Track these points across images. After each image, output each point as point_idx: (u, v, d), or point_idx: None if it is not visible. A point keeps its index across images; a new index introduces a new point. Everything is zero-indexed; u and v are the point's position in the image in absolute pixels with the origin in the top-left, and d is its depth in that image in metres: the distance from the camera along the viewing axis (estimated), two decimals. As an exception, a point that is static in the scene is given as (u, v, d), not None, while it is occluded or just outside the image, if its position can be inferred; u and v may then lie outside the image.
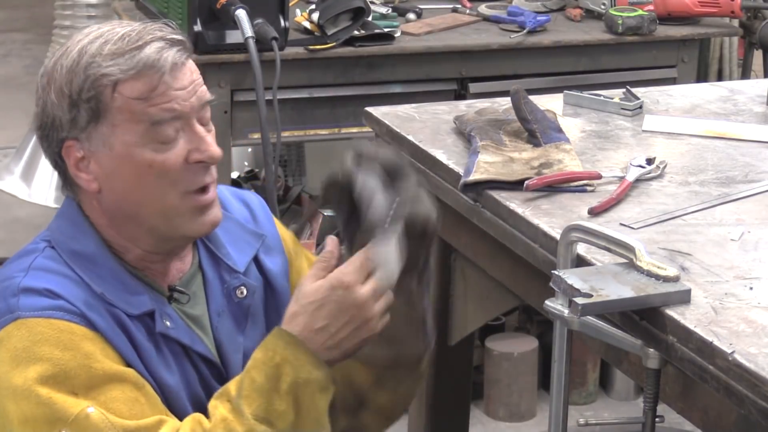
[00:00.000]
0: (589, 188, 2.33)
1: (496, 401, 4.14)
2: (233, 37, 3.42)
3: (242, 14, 3.32)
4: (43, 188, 5.59)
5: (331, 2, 3.55)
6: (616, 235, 1.95)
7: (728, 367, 1.73)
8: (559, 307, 1.87)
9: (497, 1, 4.01)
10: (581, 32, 3.81)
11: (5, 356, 1.83)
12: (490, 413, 4.15)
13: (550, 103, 2.76)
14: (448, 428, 2.91)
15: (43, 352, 1.81)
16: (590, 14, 3.93)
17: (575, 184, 2.33)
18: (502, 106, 2.73)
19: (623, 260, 1.94)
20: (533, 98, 2.56)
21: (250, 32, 3.31)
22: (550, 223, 2.18)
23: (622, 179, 2.35)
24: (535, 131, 2.48)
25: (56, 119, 1.88)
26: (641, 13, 3.78)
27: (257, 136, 3.41)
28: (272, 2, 3.44)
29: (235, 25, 3.35)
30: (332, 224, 2.75)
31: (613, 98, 2.81)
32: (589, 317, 1.90)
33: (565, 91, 2.89)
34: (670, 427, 3.40)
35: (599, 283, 1.88)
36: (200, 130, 1.90)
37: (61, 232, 1.95)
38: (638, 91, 2.86)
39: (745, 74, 4.23)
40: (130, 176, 1.88)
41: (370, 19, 3.67)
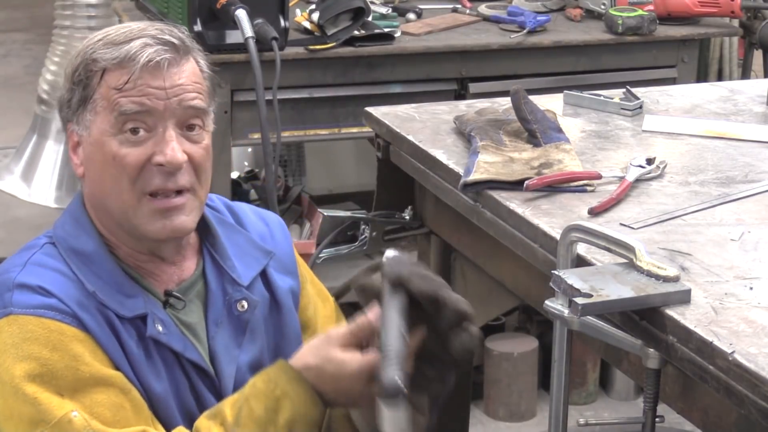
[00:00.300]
0: (589, 188, 2.33)
1: (496, 401, 4.14)
2: (233, 37, 3.42)
3: (242, 14, 3.32)
4: (43, 188, 5.59)
5: (331, 2, 3.55)
6: (616, 235, 1.95)
7: (728, 367, 1.73)
8: (559, 307, 1.87)
9: (497, 1, 4.01)
10: (581, 32, 3.81)
11: None
12: (490, 413, 4.15)
13: (550, 103, 2.76)
14: (448, 428, 2.90)
15: (31, 350, 1.82)
16: (590, 14, 3.93)
17: (575, 184, 2.33)
18: (502, 106, 2.73)
19: (623, 260, 1.94)
20: (533, 98, 2.56)
21: (250, 32, 3.31)
22: (550, 223, 2.18)
23: (622, 179, 2.35)
24: (535, 131, 2.48)
25: (62, 99, 1.96)
26: (641, 13, 3.78)
27: (257, 136, 3.42)
28: (272, 2, 3.44)
29: (235, 25, 3.35)
30: (332, 224, 2.75)
31: (613, 98, 2.81)
32: (589, 317, 1.90)
33: (565, 91, 2.89)
34: (670, 427, 3.40)
35: (599, 283, 1.88)
36: (170, 134, 1.91)
37: (63, 228, 1.97)
38: (638, 91, 2.86)
39: (745, 74, 4.23)
40: (98, 165, 1.92)
41: (370, 19, 3.67)
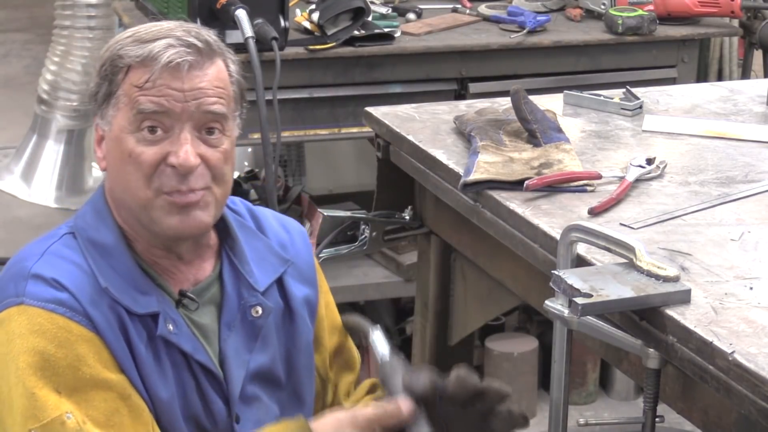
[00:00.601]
0: (589, 188, 2.33)
1: (496, 401, 4.13)
2: (233, 37, 3.41)
3: (242, 14, 3.32)
4: (43, 188, 5.59)
5: (331, 2, 3.55)
6: (616, 235, 1.95)
7: (728, 367, 1.73)
8: (559, 307, 1.87)
9: (497, 1, 4.01)
10: (581, 32, 3.81)
11: (3, 338, 1.85)
12: (490, 413, 4.15)
13: (550, 103, 2.76)
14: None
15: (37, 343, 1.83)
16: (590, 14, 3.93)
17: (575, 184, 2.33)
18: (502, 106, 2.73)
19: (623, 260, 1.94)
20: (533, 98, 2.56)
21: (250, 32, 3.31)
22: (550, 223, 2.18)
23: (622, 179, 2.35)
24: (535, 131, 2.48)
25: (92, 92, 1.97)
26: (641, 13, 3.78)
27: (257, 136, 3.41)
28: (272, 2, 3.44)
29: (235, 25, 3.34)
30: (332, 224, 2.75)
31: (613, 98, 2.81)
32: (589, 317, 1.90)
33: (565, 91, 2.89)
34: (670, 427, 3.39)
35: (599, 283, 1.88)
36: (185, 136, 1.91)
37: (84, 220, 1.98)
38: (638, 91, 2.86)
39: (745, 74, 4.22)
40: (117, 160, 1.93)
41: (370, 19, 3.66)
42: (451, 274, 2.72)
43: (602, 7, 3.88)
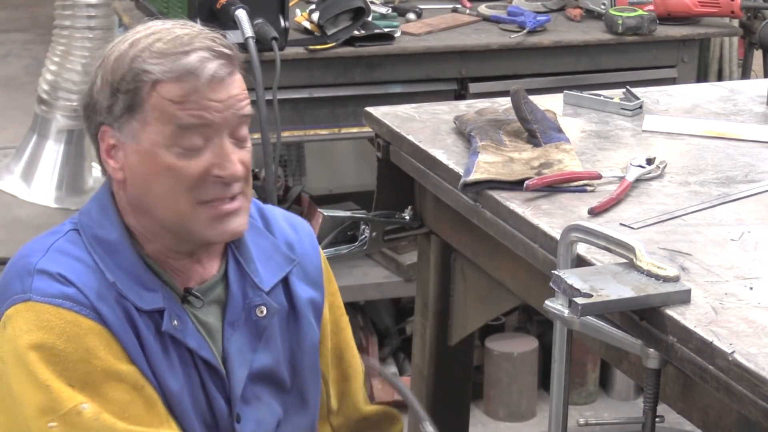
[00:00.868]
0: (589, 188, 2.33)
1: (496, 401, 4.14)
2: (233, 37, 3.39)
3: (242, 14, 3.32)
4: (43, 188, 5.59)
5: (331, 2, 3.55)
6: (616, 235, 1.95)
7: (728, 367, 1.73)
8: (559, 307, 1.87)
9: (497, 1, 4.01)
10: (581, 32, 3.81)
11: (11, 334, 1.85)
12: (490, 413, 4.15)
13: (550, 103, 2.76)
14: (448, 428, 2.91)
15: (46, 338, 1.83)
16: (590, 14, 3.93)
17: (575, 184, 2.33)
18: (502, 106, 2.73)
19: (623, 260, 1.94)
20: (533, 98, 2.56)
21: (250, 32, 3.31)
22: (550, 223, 2.18)
23: (622, 179, 2.35)
24: (535, 131, 2.48)
25: (98, 103, 1.92)
26: (641, 13, 3.78)
27: (257, 136, 3.41)
28: (272, 2, 3.44)
29: (235, 25, 3.34)
30: (332, 224, 2.75)
31: (613, 98, 2.81)
32: (589, 317, 1.90)
33: (565, 91, 2.89)
34: (670, 427, 3.39)
35: (599, 283, 1.88)
36: (228, 146, 1.90)
37: (89, 215, 1.97)
38: (638, 91, 2.86)
39: (745, 74, 4.22)
40: (149, 174, 1.90)
41: (370, 19, 3.67)
42: (451, 274, 2.72)
43: (602, 7, 3.88)
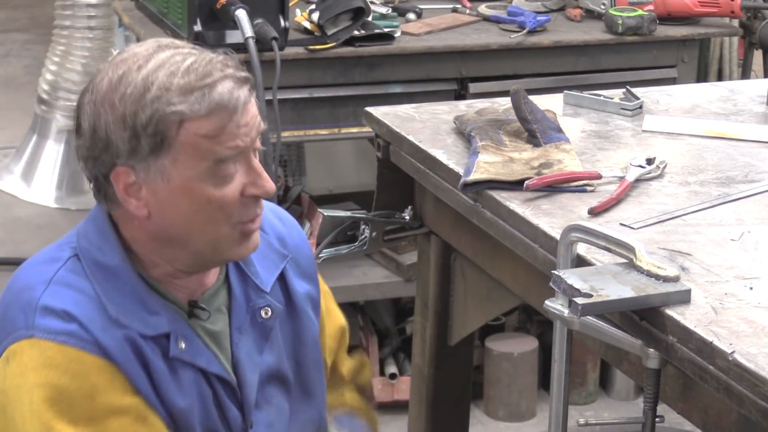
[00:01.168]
0: (589, 188, 2.33)
1: (496, 401, 4.14)
2: (233, 37, 3.41)
3: (242, 14, 3.32)
4: (43, 188, 5.59)
5: (331, 2, 3.55)
6: (616, 235, 1.95)
7: (728, 367, 1.73)
8: (559, 307, 1.87)
9: (497, 1, 4.01)
10: (581, 32, 3.81)
11: (16, 370, 1.84)
12: (490, 413, 4.15)
13: (550, 103, 2.75)
14: (448, 428, 2.91)
15: (51, 376, 1.82)
16: (590, 14, 3.93)
17: (575, 184, 2.33)
18: (502, 106, 2.72)
19: (623, 260, 1.94)
20: (533, 98, 2.56)
21: (250, 32, 3.31)
22: (550, 223, 2.18)
23: (622, 179, 2.34)
24: (535, 131, 2.48)
25: (112, 144, 1.83)
26: (641, 13, 3.78)
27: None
28: (272, 2, 3.44)
29: (235, 25, 3.35)
30: (332, 224, 2.75)
31: (613, 98, 2.81)
32: (589, 317, 1.90)
33: (565, 91, 2.89)
34: (670, 427, 3.39)
35: (599, 283, 1.88)
36: (257, 164, 1.88)
37: (88, 239, 1.93)
38: (638, 91, 2.86)
39: (745, 74, 4.22)
40: (186, 208, 1.86)
41: (370, 19, 3.66)
42: (451, 274, 2.72)
43: (602, 7, 3.88)
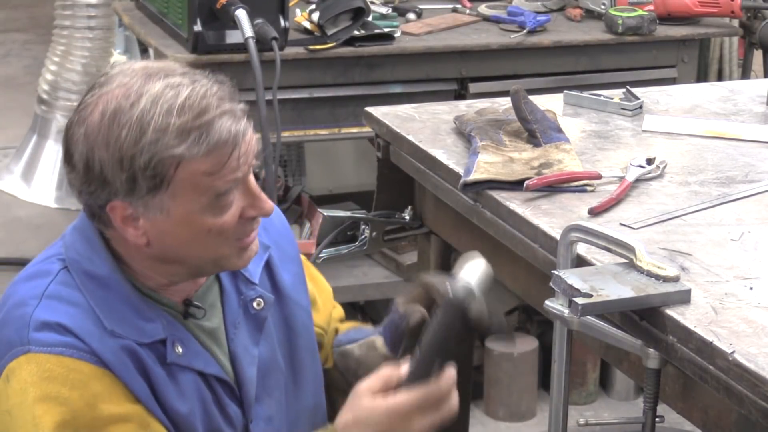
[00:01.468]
0: (589, 188, 2.33)
1: (496, 401, 4.14)
2: (233, 37, 3.42)
3: (242, 14, 3.32)
4: (43, 188, 5.59)
5: (331, 2, 3.55)
6: (616, 235, 1.95)
7: (728, 367, 1.73)
8: (559, 307, 1.87)
9: (497, 1, 4.01)
10: (581, 32, 3.81)
11: (16, 387, 1.84)
12: (490, 413, 4.15)
13: (550, 103, 2.76)
14: (448, 428, 2.90)
15: (51, 389, 1.81)
16: (590, 14, 3.93)
17: (575, 184, 2.33)
18: (502, 106, 2.73)
19: (623, 260, 1.94)
20: (533, 98, 2.56)
21: (250, 32, 3.31)
22: (550, 223, 2.18)
23: (622, 179, 2.35)
24: (535, 131, 2.48)
25: (108, 183, 1.82)
26: (641, 13, 3.78)
27: (257, 136, 3.41)
28: (272, 2, 3.44)
29: (235, 25, 3.35)
30: (332, 224, 2.75)
31: (613, 98, 2.81)
32: (589, 317, 1.90)
33: (565, 91, 2.89)
34: (670, 427, 3.40)
35: (599, 283, 1.88)
36: (254, 186, 1.88)
37: (76, 250, 1.91)
38: (638, 91, 2.86)
39: (745, 74, 4.22)
40: (186, 237, 1.86)
41: (370, 19, 3.67)
42: (451, 274, 2.72)
43: (602, 7, 3.88)
